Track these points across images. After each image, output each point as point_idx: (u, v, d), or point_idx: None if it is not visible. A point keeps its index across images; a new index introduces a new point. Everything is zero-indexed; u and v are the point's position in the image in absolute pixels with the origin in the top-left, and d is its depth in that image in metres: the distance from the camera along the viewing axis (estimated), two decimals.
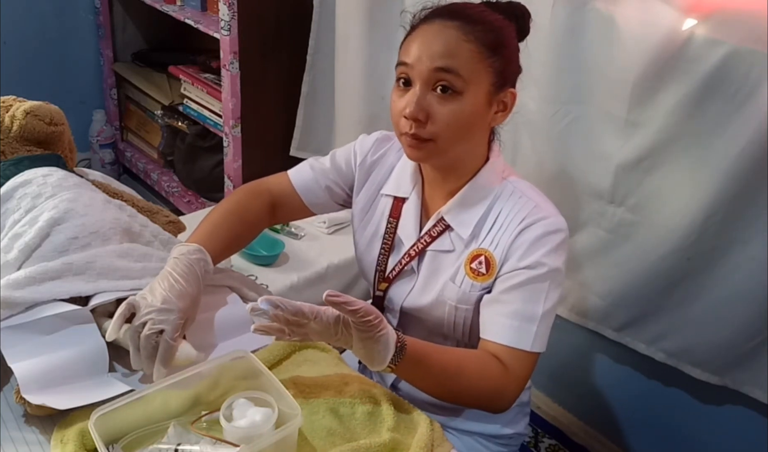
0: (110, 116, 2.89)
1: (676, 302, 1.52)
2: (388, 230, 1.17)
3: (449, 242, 1.11)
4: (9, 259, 1.00)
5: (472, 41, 1.00)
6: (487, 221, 1.08)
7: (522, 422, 1.29)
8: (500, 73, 1.03)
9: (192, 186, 2.60)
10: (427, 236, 1.12)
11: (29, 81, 2.58)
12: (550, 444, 1.90)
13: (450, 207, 1.10)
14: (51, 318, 0.94)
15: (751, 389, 1.48)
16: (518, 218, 1.06)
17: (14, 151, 1.13)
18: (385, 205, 1.19)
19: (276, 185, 1.25)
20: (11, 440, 0.88)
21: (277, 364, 1.02)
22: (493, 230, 1.08)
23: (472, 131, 1.04)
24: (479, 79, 1.01)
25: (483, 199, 1.09)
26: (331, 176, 1.23)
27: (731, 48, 1.30)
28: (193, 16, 2.28)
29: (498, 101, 1.05)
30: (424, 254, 1.13)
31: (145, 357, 0.92)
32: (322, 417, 0.92)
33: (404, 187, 1.17)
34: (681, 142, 1.42)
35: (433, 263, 1.12)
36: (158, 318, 0.93)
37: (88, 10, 2.70)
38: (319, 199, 1.24)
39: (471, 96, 1.01)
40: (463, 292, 1.09)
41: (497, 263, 1.06)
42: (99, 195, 1.12)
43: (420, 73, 1.00)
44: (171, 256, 1.03)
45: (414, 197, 1.15)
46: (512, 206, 1.07)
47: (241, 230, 1.18)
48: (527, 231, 1.05)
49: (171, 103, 2.55)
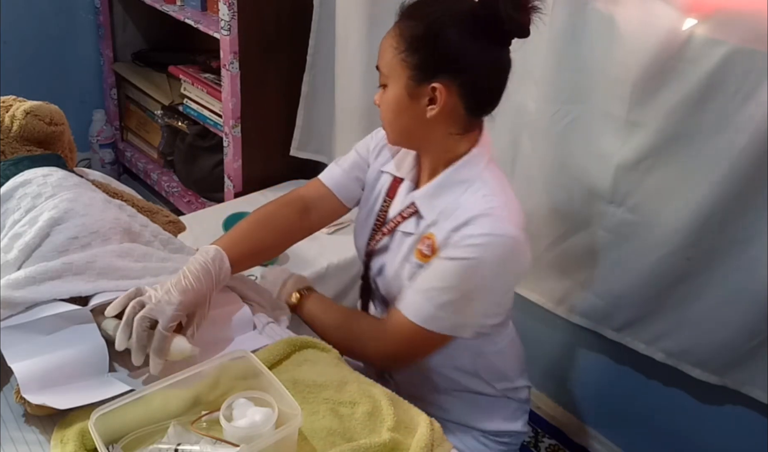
0: (110, 116, 2.88)
1: (676, 302, 1.52)
2: (382, 207, 1.23)
3: (413, 225, 1.15)
4: (9, 259, 1.00)
5: (394, 37, 1.07)
6: (449, 210, 1.11)
7: (521, 420, 1.29)
8: (418, 66, 1.05)
9: (192, 186, 2.60)
10: (399, 216, 1.17)
11: (29, 81, 2.58)
12: (550, 444, 1.90)
13: (423, 193, 1.14)
14: (51, 318, 0.94)
15: (751, 389, 1.47)
16: (467, 213, 1.07)
17: (14, 151, 1.13)
18: (384, 184, 1.24)
19: (308, 191, 1.29)
20: (11, 440, 0.88)
21: (277, 364, 1.02)
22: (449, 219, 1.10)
23: (399, 117, 1.10)
24: (395, 73, 1.07)
25: (456, 187, 1.12)
26: (357, 166, 1.28)
27: (731, 48, 1.30)
28: (193, 16, 2.28)
29: (424, 95, 1.07)
30: (394, 234, 1.18)
31: (135, 342, 0.92)
32: (322, 417, 0.92)
33: (404, 168, 1.21)
34: (681, 142, 1.42)
35: (399, 244, 1.18)
36: (156, 307, 0.93)
37: (88, 10, 2.70)
38: (352, 192, 1.29)
39: (391, 87, 1.08)
40: (412, 272, 1.14)
41: (438, 248, 1.10)
42: (99, 195, 1.12)
43: None
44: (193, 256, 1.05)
45: (409, 180, 1.20)
46: (471, 201, 1.09)
47: (268, 237, 1.20)
48: (467, 227, 1.07)
49: (171, 103, 2.55)
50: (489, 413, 1.26)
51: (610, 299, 1.64)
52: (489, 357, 1.23)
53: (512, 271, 1.13)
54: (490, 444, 1.27)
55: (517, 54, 1.64)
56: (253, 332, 1.09)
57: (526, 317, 1.88)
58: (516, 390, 1.29)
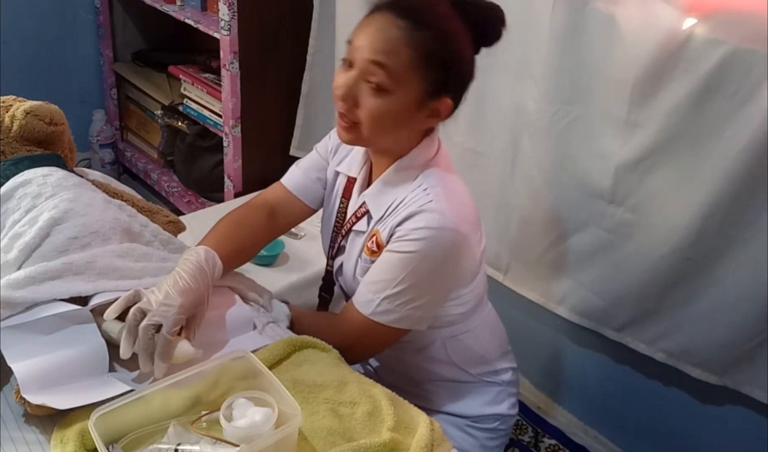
0: (110, 116, 2.88)
1: (676, 302, 1.52)
2: (339, 209, 1.23)
3: (365, 223, 1.16)
4: (9, 259, 1.00)
5: (412, 47, 1.01)
6: (396, 205, 1.11)
7: (506, 402, 1.29)
8: (436, 82, 1.04)
9: (192, 186, 2.60)
10: (353, 217, 1.18)
11: (29, 81, 2.58)
12: (550, 444, 1.90)
13: (372, 190, 1.15)
14: (51, 318, 0.94)
15: (751, 389, 1.48)
16: (409, 209, 1.08)
17: (14, 151, 1.13)
18: (340, 184, 1.24)
19: (271, 194, 1.29)
20: (11, 440, 0.87)
21: (277, 364, 1.02)
22: (390, 213, 1.11)
23: (397, 127, 1.07)
24: (410, 84, 1.03)
25: (403, 183, 1.11)
26: (317, 166, 1.28)
27: (731, 48, 1.30)
28: (193, 16, 2.28)
29: (431, 107, 1.07)
30: (350, 233, 1.19)
31: (141, 349, 0.92)
32: (322, 417, 0.92)
33: (355, 167, 1.21)
34: (681, 142, 1.42)
35: (353, 243, 1.18)
36: (158, 311, 0.93)
37: (88, 10, 2.70)
38: (315, 193, 1.28)
39: (399, 97, 1.03)
40: (364, 269, 1.15)
41: (383, 243, 1.11)
42: (99, 195, 1.12)
43: (359, 60, 1.03)
44: (182, 258, 1.05)
45: (361, 178, 1.19)
46: (413, 196, 1.09)
47: (245, 240, 1.20)
48: (409, 221, 1.07)
49: (171, 103, 2.55)
50: (468, 398, 1.26)
51: (610, 299, 1.64)
52: (462, 342, 1.23)
53: (458, 264, 1.12)
54: (474, 432, 1.27)
55: (517, 54, 1.65)
56: (253, 332, 1.08)
57: (526, 317, 1.88)
58: (496, 373, 1.29)
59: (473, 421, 1.27)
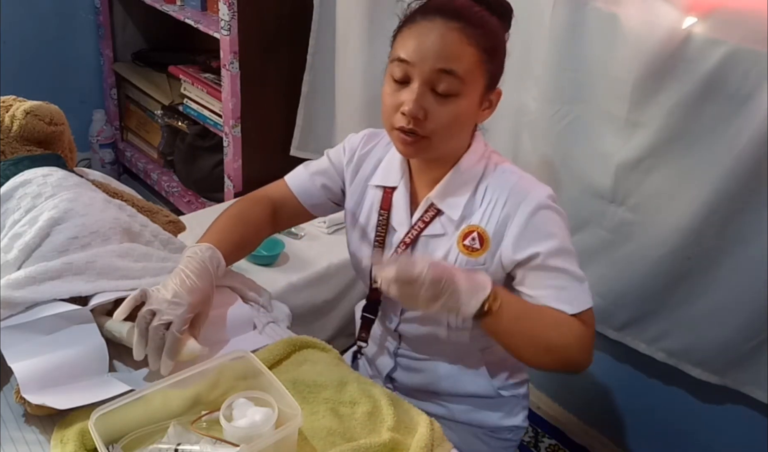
0: (110, 116, 2.89)
1: (676, 302, 1.52)
2: (380, 222, 1.18)
3: (440, 226, 1.12)
4: (9, 259, 1.00)
5: (474, 46, 1.01)
6: (476, 200, 1.10)
7: (520, 415, 1.29)
8: (493, 75, 1.06)
9: (192, 186, 2.60)
10: (420, 223, 1.13)
11: (29, 81, 2.58)
12: (550, 444, 1.90)
13: (437, 193, 1.12)
14: (51, 318, 0.94)
15: (751, 389, 1.48)
16: (504, 194, 1.08)
17: (14, 151, 1.13)
18: (374, 197, 1.20)
19: (275, 191, 1.27)
20: (11, 440, 0.87)
21: (277, 364, 1.02)
22: (482, 207, 1.10)
23: (463, 129, 1.08)
24: (476, 82, 1.03)
25: (468, 181, 1.11)
26: (326, 174, 1.25)
27: (731, 47, 1.30)
28: (193, 16, 2.28)
29: (489, 100, 1.09)
30: (417, 241, 1.14)
31: (152, 348, 0.92)
32: (322, 417, 0.92)
33: (393, 176, 1.18)
34: (681, 141, 1.42)
35: (426, 249, 1.14)
36: (167, 310, 0.93)
37: (88, 10, 2.70)
38: (316, 199, 1.25)
39: (468, 98, 1.03)
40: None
41: (490, 236, 1.08)
42: (99, 195, 1.12)
43: (421, 72, 1.00)
44: (184, 255, 1.04)
45: (403, 186, 1.17)
46: (497, 183, 1.10)
47: (247, 235, 1.19)
48: (521, 209, 1.06)
49: (171, 103, 2.55)
50: (489, 410, 1.26)
51: (611, 298, 1.64)
52: (494, 352, 1.22)
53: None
54: (490, 441, 1.27)
55: (517, 54, 1.65)
56: (253, 332, 1.08)
57: None
58: (516, 386, 1.29)
59: (490, 432, 1.27)
